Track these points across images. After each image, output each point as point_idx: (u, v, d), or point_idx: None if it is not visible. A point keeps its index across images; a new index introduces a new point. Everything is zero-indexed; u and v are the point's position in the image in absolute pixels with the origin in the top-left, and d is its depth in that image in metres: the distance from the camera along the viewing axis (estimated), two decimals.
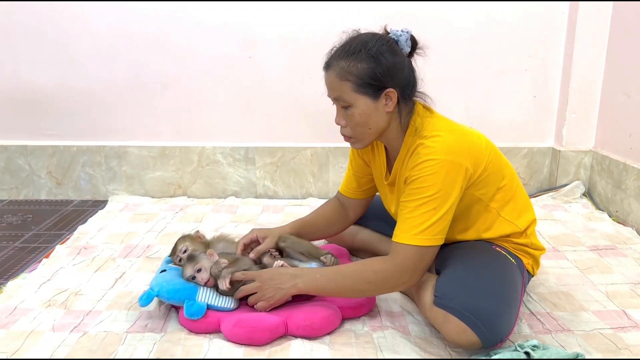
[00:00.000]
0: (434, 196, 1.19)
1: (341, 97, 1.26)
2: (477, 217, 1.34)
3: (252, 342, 1.25)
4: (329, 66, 1.28)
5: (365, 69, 1.22)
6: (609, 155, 2.27)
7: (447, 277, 1.26)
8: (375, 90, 1.23)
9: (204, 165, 2.49)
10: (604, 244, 1.90)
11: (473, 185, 1.27)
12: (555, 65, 2.42)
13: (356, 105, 1.25)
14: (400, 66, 1.25)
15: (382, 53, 1.22)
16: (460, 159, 1.21)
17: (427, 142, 1.23)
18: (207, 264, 1.37)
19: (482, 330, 1.13)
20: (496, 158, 1.32)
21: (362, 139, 1.32)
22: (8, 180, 2.49)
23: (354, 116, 1.26)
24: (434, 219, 1.20)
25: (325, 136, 2.47)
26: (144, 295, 1.33)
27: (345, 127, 1.31)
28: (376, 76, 1.22)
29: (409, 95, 1.29)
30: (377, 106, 1.25)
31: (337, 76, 1.25)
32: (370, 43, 1.23)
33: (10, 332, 1.31)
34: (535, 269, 1.44)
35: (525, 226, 1.37)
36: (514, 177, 1.38)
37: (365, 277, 1.25)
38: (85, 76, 2.39)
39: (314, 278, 1.29)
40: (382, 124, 1.29)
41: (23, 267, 1.73)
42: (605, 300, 1.49)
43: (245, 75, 2.40)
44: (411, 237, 1.21)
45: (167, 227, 2.09)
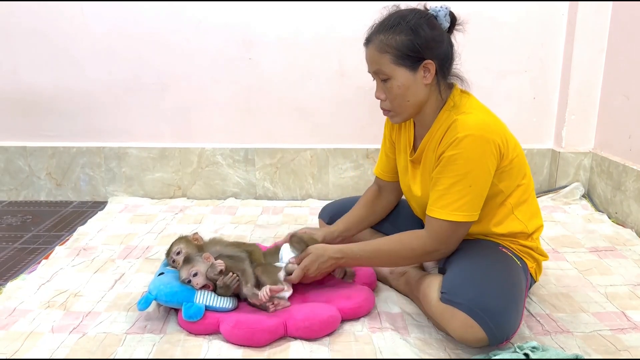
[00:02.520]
0: (469, 173, 1.22)
1: (380, 70, 1.28)
2: (492, 209, 1.34)
3: (251, 344, 1.25)
4: (369, 41, 1.30)
5: (404, 40, 1.24)
6: (609, 157, 2.27)
7: (454, 273, 1.27)
8: (414, 62, 1.26)
9: (204, 166, 2.49)
10: (604, 245, 1.90)
11: (497, 174, 1.29)
12: (555, 66, 2.42)
13: (395, 77, 1.27)
14: (439, 39, 1.27)
15: (421, 25, 1.25)
16: (495, 136, 1.23)
17: (464, 117, 1.25)
18: (202, 267, 1.36)
19: (489, 326, 1.13)
20: (521, 156, 1.35)
21: (400, 112, 1.33)
22: (8, 182, 2.49)
23: (392, 89, 1.29)
24: (470, 196, 1.23)
25: (325, 138, 2.47)
26: (142, 299, 1.33)
27: (385, 100, 1.33)
28: (415, 48, 1.24)
29: (447, 69, 1.31)
30: (415, 78, 1.27)
31: (377, 49, 1.27)
32: (409, 16, 1.26)
33: (9, 333, 1.31)
34: (538, 275, 1.45)
35: (533, 229, 1.38)
36: (531, 181, 1.40)
37: (404, 254, 1.33)
38: (84, 77, 2.39)
39: (355, 256, 1.37)
40: (420, 96, 1.30)
41: (22, 268, 1.73)
42: (604, 302, 1.49)
43: (245, 77, 2.41)
44: (448, 213, 1.24)
45: (167, 228, 2.09)
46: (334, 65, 2.39)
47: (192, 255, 1.40)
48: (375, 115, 2.43)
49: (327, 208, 1.78)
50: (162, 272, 1.44)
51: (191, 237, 1.53)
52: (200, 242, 1.53)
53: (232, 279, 1.34)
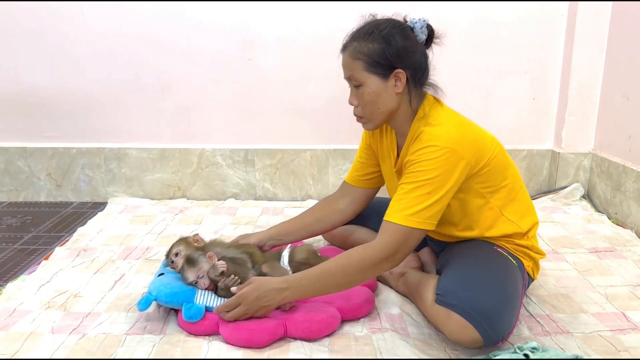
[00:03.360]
0: (430, 180, 1.22)
1: (353, 75, 1.31)
2: (480, 214, 1.35)
3: (250, 345, 1.25)
4: (344, 47, 1.34)
5: (375, 49, 1.27)
6: (608, 157, 2.27)
7: (449, 275, 1.27)
8: (385, 70, 1.28)
9: (204, 167, 2.49)
10: (604, 246, 1.90)
11: (474, 177, 1.29)
12: (555, 67, 2.42)
13: (366, 84, 1.30)
14: (412, 50, 1.29)
15: (393, 35, 1.28)
16: (460, 149, 1.23)
17: (431, 129, 1.27)
18: (207, 267, 1.37)
19: (484, 327, 1.14)
20: (501, 156, 1.34)
21: (372, 119, 1.35)
22: (7, 182, 2.49)
23: (364, 95, 1.31)
24: (427, 203, 1.22)
25: (325, 138, 2.47)
26: (142, 300, 1.32)
27: (357, 106, 1.35)
28: (386, 56, 1.27)
29: (419, 80, 1.33)
30: (386, 86, 1.29)
31: (350, 55, 1.31)
32: (382, 26, 1.29)
33: (9, 333, 1.31)
34: (536, 273, 1.45)
35: (527, 228, 1.38)
36: (517, 179, 1.40)
37: (352, 269, 1.25)
38: (84, 78, 2.39)
39: (299, 286, 1.26)
40: (391, 104, 1.32)
41: (22, 269, 1.73)
42: (604, 303, 1.49)
43: (244, 77, 2.41)
44: (402, 217, 1.23)
45: (167, 229, 2.09)
46: (334, 66, 2.36)
47: (196, 256, 1.39)
48: None
49: None
50: (162, 272, 1.44)
51: (191, 239, 1.53)
52: (200, 243, 1.53)
53: (233, 281, 1.34)
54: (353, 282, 1.30)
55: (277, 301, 1.27)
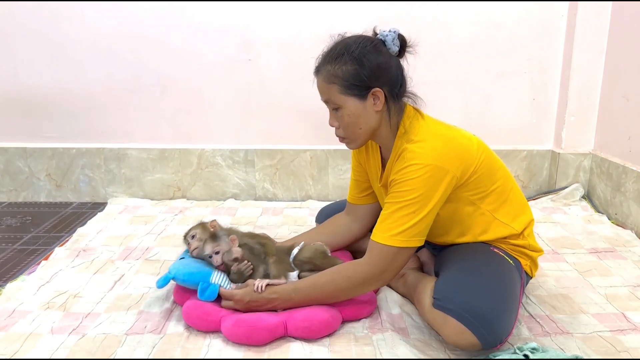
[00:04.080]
0: (414, 200, 1.21)
1: (330, 99, 1.30)
2: (471, 220, 1.35)
3: (251, 342, 1.25)
4: (318, 71, 1.33)
5: (349, 71, 1.25)
6: (608, 158, 2.27)
7: (446, 279, 1.27)
8: (362, 90, 1.26)
9: (204, 167, 2.49)
10: (603, 246, 1.90)
11: (462, 187, 1.28)
12: (554, 67, 2.42)
13: (345, 107, 1.28)
14: (386, 66, 1.27)
15: (365, 55, 1.25)
16: (445, 164, 1.22)
17: (413, 146, 1.25)
18: (225, 247, 1.41)
19: (481, 331, 1.13)
20: (488, 160, 1.32)
21: (355, 139, 1.35)
22: (7, 183, 2.49)
23: (344, 117, 1.30)
24: (412, 222, 1.22)
25: (325, 139, 2.47)
26: (161, 278, 1.39)
27: (339, 128, 1.34)
28: (360, 77, 1.25)
29: (397, 94, 1.31)
30: (365, 106, 1.28)
31: (325, 80, 1.29)
32: (353, 46, 1.26)
33: (9, 334, 1.31)
34: (534, 271, 1.44)
35: (522, 228, 1.37)
36: (508, 179, 1.38)
37: (340, 285, 1.29)
38: (84, 78, 2.39)
39: (288, 298, 1.31)
40: (372, 123, 1.31)
41: (22, 269, 1.73)
42: (604, 303, 1.49)
43: (244, 78, 2.41)
44: (388, 238, 1.23)
45: (167, 229, 2.09)
46: None
47: (220, 234, 1.43)
48: None
49: (324, 211, 1.79)
50: (183, 257, 1.50)
51: (209, 224, 1.55)
52: (217, 229, 1.55)
53: (247, 266, 1.38)
54: (342, 297, 1.33)
55: (265, 308, 1.33)
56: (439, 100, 2.33)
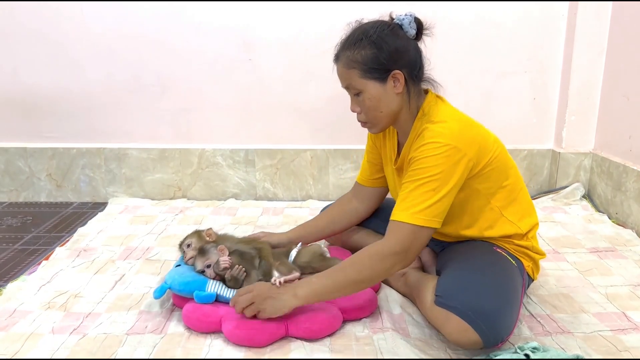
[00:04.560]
0: (434, 177, 1.21)
1: (351, 84, 1.31)
2: (479, 214, 1.35)
3: (252, 344, 1.25)
4: (337, 58, 1.33)
5: (368, 55, 1.27)
6: (609, 157, 2.27)
7: (448, 276, 1.27)
8: (382, 74, 1.27)
9: (204, 167, 2.49)
10: (604, 246, 1.90)
11: (475, 177, 1.29)
12: (555, 67, 2.42)
13: (366, 91, 1.29)
14: (404, 48, 1.29)
15: (383, 38, 1.27)
16: (462, 146, 1.23)
17: (433, 126, 1.26)
18: (215, 259, 1.41)
19: (483, 329, 1.13)
20: (503, 156, 1.34)
21: (376, 123, 1.35)
22: (8, 183, 2.49)
23: (365, 101, 1.31)
24: (433, 200, 1.21)
25: (325, 138, 2.47)
26: (158, 289, 1.41)
27: (360, 113, 1.35)
28: (379, 61, 1.26)
29: (417, 76, 1.33)
30: (385, 89, 1.29)
31: (345, 66, 1.30)
32: (370, 30, 1.28)
33: (9, 334, 1.31)
34: (536, 273, 1.45)
35: (527, 229, 1.38)
36: (518, 179, 1.40)
37: (360, 265, 1.23)
38: (84, 78, 2.39)
39: (309, 282, 1.27)
40: (393, 106, 1.32)
41: (23, 269, 1.73)
42: (605, 302, 1.49)
43: (245, 78, 2.40)
44: (409, 216, 1.22)
45: (167, 229, 2.09)
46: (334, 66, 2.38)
47: (208, 247, 1.44)
48: None
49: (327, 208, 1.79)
50: (179, 264, 1.50)
51: (204, 233, 1.56)
52: (212, 237, 1.56)
53: (239, 271, 1.38)
54: (366, 280, 1.25)
55: (286, 297, 1.25)
56: None
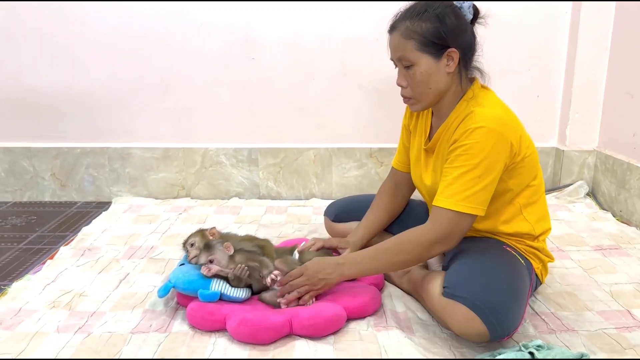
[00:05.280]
0: (480, 164, 1.22)
1: (404, 56, 1.29)
2: (500, 206, 1.35)
3: (256, 341, 1.25)
4: (393, 28, 1.31)
5: (429, 27, 1.25)
6: (613, 155, 2.26)
7: (457, 269, 1.27)
8: (438, 50, 1.27)
9: (207, 166, 2.49)
10: (608, 243, 1.89)
11: (509, 171, 1.29)
12: (558, 64, 2.41)
13: (418, 64, 1.28)
14: (464, 28, 1.29)
15: (447, 14, 1.26)
16: (508, 133, 1.24)
17: (481, 110, 1.26)
18: (220, 256, 1.41)
19: (491, 320, 1.13)
20: (535, 156, 1.36)
21: (421, 100, 1.34)
22: (12, 182, 2.49)
23: (415, 75, 1.29)
24: (478, 187, 1.22)
25: (328, 137, 2.47)
26: (162, 287, 1.40)
27: (406, 87, 1.33)
28: (440, 35, 1.25)
29: (469, 59, 1.33)
30: (438, 66, 1.28)
31: (402, 35, 1.28)
32: (435, 4, 1.27)
33: (15, 333, 1.32)
34: (544, 276, 1.45)
35: (540, 232, 1.38)
36: (542, 183, 1.41)
37: (404, 248, 1.29)
38: (87, 78, 2.39)
39: (356, 262, 1.33)
40: (442, 84, 1.31)
41: (27, 268, 1.74)
42: (609, 300, 1.49)
43: (247, 76, 2.41)
44: (454, 203, 1.23)
45: (171, 228, 2.09)
46: (337, 65, 2.39)
47: (214, 244, 1.44)
48: (378, 114, 2.44)
49: (334, 205, 1.78)
50: (183, 263, 1.51)
51: (208, 232, 1.56)
52: (216, 237, 1.55)
53: (241, 269, 1.38)
54: (407, 261, 1.32)
55: (335, 275, 1.33)
56: None
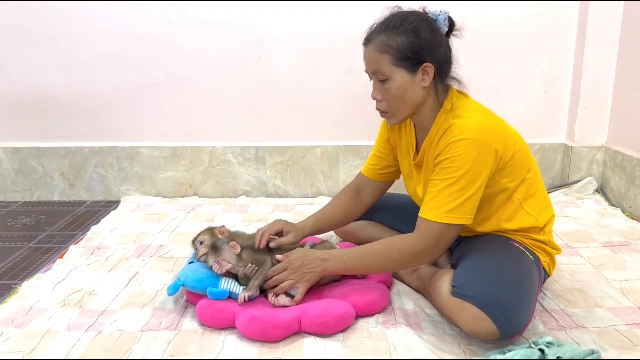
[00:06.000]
0: (463, 176, 1.22)
1: (379, 70, 1.28)
2: (499, 205, 1.35)
3: (265, 339, 1.26)
4: (368, 40, 1.30)
5: (405, 42, 1.24)
6: (622, 151, 2.25)
7: (465, 268, 1.27)
8: (413, 64, 1.26)
9: (215, 165, 2.50)
10: (618, 240, 1.88)
11: (500, 171, 1.29)
12: (566, 60, 2.40)
13: (393, 79, 1.27)
14: (439, 42, 1.28)
15: (422, 28, 1.25)
16: (491, 140, 1.23)
17: (461, 121, 1.25)
18: (228, 256, 1.41)
19: (500, 319, 1.13)
20: (524, 149, 1.34)
21: (397, 114, 1.33)
22: (22, 182, 2.51)
23: (390, 90, 1.28)
24: (462, 199, 1.22)
25: (335, 135, 2.47)
26: (171, 285, 1.41)
27: (381, 101, 1.32)
28: (415, 49, 1.24)
29: (445, 72, 1.32)
30: (414, 80, 1.27)
31: (377, 49, 1.27)
32: (410, 18, 1.26)
33: (26, 331, 1.33)
34: (552, 269, 1.44)
35: (544, 222, 1.37)
36: (538, 173, 1.40)
37: (391, 256, 1.30)
38: (95, 78, 2.41)
39: (341, 260, 1.34)
40: (417, 98, 1.30)
41: (37, 267, 1.75)
42: (619, 297, 1.48)
43: (254, 75, 2.41)
44: (438, 215, 1.23)
45: (179, 226, 2.10)
46: (343, 63, 2.39)
47: (220, 244, 1.44)
48: None
49: None
50: (192, 261, 1.52)
51: (217, 230, 1.57)
52: (225, 235, 1.57)
53: (251, 269, 1.39)
54: (391, 268, 1.39)
55: (320, 269, 1.34)
56: None
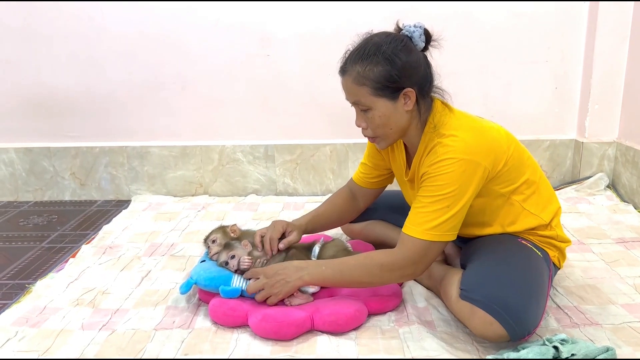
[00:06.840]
0: (448, 194, 1.20)
1: (359, 101, 1.26)
2: (499, 210, 1.34)
3: (278, 337, 1.26)
4: (344, 71, 1.28)
5: (381, 72, 1.21)
6: (633, 146, 2.23)
7: (473, 270, 1.26)
8: (393, 92, 1.23)
9: (225, 163, 2.50)
10: (630, 236, 1.87)
11: (493, 180, 1.27)
12: (577, 55, 2.38)
13: (375, 108, 1.25)
14: (416, 64, 1.24)
15: (397, 54, 1.21)
16: (477, 157, 1.21)
17: (445, 140, 1.23)
18: (241, 253, 1.44)
19: (509, 322, 1.13)
20: (517, 152, 1.31)
21: (385, 139, 1.32)
22: (33, 182, 2.53)
23: (374, 119, 1.27)
24: (446, 217, 1.21)
25: (344, 133, 2.47)
26: (184, 284, 1.41)
27: (367, 129, 1.31)
28: (393, 78, 1.21)
29: (427, 91, 1.29)
30: (396, 107, 1.25)
31: (354, 82, 1.25)
32: (384, 45, 1.22)
33: (40, 330, 1.34)
34: (562, 262, 1.43)
35: (550, 218, 1.36)
36: (536, 169, 1.37)
37: (371, 271, 1.27)
38: (105, 78, 2.42)
39: (319, 271, 1.31)
40: (403, 123, 1.29)
41: (50, 267, 1.76)
42: (633, 293, 1.47)
43: (263, 74, 2.41)
44: (421, 232, 1.22)
45: (190, 225, 2.11)
46: None
47: (233, 242, 1.47)
48: None
49: None
50: (204, 259, 1.53)
51: (229, 229, 1.58)
52: (237, 234, 1.58)
53: (261, 264, 1.41)
54: (371, 283, 1.31)
55: (294, 278, 1.31)
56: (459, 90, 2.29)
